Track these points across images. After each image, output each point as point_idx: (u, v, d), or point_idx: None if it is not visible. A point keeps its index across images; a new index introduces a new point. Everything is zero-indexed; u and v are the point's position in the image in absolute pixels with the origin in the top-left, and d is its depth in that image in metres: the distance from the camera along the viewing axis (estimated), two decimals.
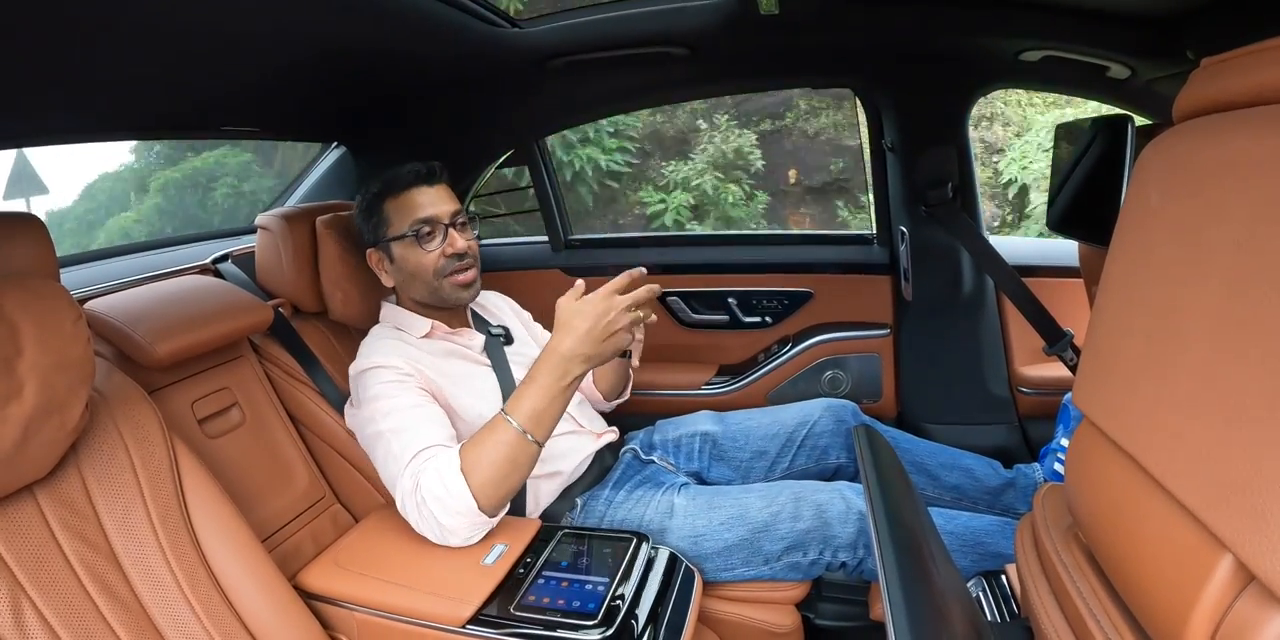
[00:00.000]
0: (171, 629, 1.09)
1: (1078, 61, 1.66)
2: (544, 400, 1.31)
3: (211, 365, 1.59)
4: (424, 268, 1.62)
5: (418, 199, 1.61)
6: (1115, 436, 0.69)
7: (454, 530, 1.30)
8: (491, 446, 1.30)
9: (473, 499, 1.27)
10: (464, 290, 1.65)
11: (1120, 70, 1.63)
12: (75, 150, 8.19)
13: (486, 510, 1.29)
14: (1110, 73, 1.66)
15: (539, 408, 1.31)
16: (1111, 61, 1.61)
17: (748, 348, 2.51)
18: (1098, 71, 1.67)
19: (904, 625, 0.60)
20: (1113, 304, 0.76)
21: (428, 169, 1.64)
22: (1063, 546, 0.82)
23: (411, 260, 1.62)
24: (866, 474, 0.88)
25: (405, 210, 1.61)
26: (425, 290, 1.65)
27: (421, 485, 1.29)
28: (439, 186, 1.65)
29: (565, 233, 2.67)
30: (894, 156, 2.12)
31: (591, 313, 1.27)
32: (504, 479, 1.29)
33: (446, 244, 1.61)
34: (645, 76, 2.19)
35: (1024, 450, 2.13)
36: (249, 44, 1.41)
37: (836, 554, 1.46)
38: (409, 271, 1.64)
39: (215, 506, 1.22)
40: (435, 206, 1.61)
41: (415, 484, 1.31)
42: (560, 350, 1.29)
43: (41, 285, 1.05)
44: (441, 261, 1.61)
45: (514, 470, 1.30)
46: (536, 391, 1.31)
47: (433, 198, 1.62)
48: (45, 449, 1.02)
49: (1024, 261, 2.08)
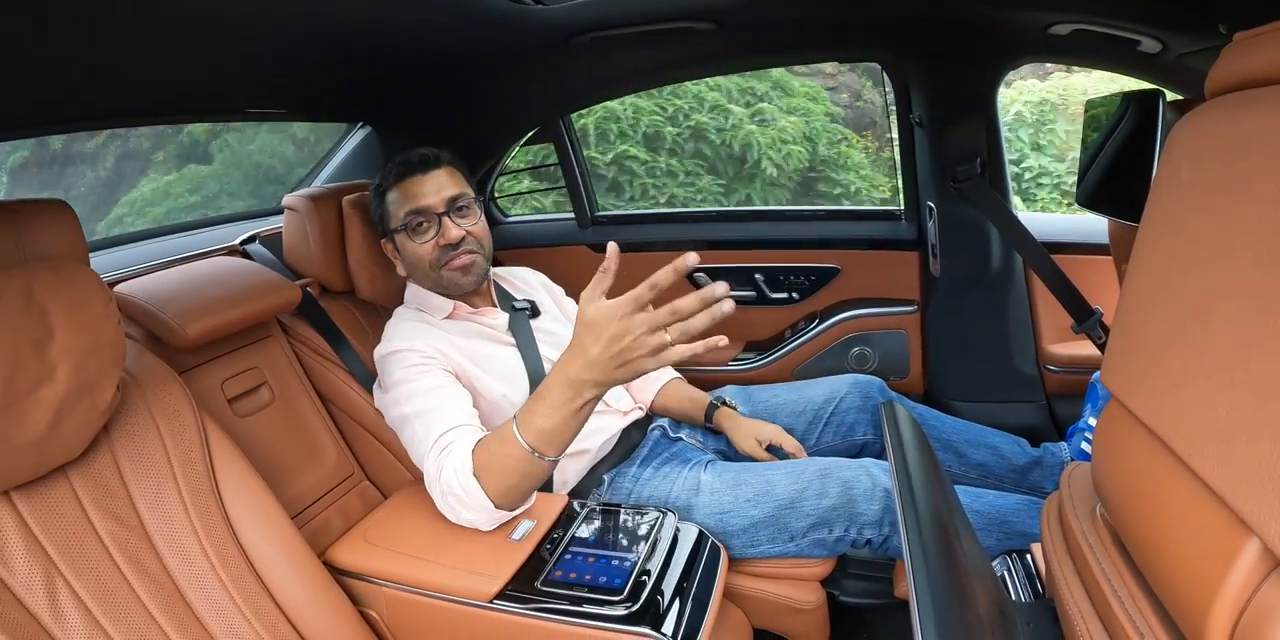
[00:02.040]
0: (203, 604, 1.12)
1: (1108, 35, 1.63)
2: (553, 421, 1.21)
3: (241, 345, 1.61)
4: (420, 259, 1.62)
5: (412, 189, 1.60)
6: (1143, 416, 0.68)
7: (475, 522, 1.31)
8: (501, 458, 1.26)
9: (488, 499, 1.27)
10: (463, 276, 1.63)
11: (1151, 44, 1.60)
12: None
13: (504, 507, 1.30)
14: (1141, 47, 1.63)
15: (548, 428, 1.21)
16: (1142, 35, 1.58)
17: (775, 324, 2.50)
18: (1128, 45, 1.64)
19: (928, 603, 0.60)
20: (1142, 281, 0.75)
21: (420, 157, 1.62)
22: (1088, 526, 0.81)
23: (409, 251, 1.63)
24: (893, 451, 0.88)
25: (401, 201, 1.61)
26: (429, 280, 1.65)
27: (443, 478, 1.30)
28: (436, 172, 1.62)
29: (591, 209, 2.66)
30: (922, 131, 2.09)
31: (605, 334, 1.10)
32: (516, 486, 1.28)
33: (440, 235, 1.60)
34: (672, 52, 2.17)
35: (1051, 429, 2.11)
36: (273, 25, 1.41)
37: (862, 531, 1.45)
38: (410, 262, 1.65)
39: (245, 484, 1.23)
40: (428, 196, 1.59)
41: (439, 474, 1.31)
42: (568, 373, 1.17)
43: (71, 269, 1.06)
44: (435, 253, 1.60)
45: (525, 479, 1.27)
46: (546, 411, 1.21)
47: (427, 187, 1.60)
48: (78, 430, 1.04)
49: (1053, 238, 2.05)
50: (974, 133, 1.96)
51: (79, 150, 5.73)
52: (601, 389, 1.17)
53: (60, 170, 5.74)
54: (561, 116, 2.50)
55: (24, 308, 0.99)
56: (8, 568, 0.99)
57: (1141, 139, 1.35)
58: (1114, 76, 3.61)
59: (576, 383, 1.16)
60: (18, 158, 5.25)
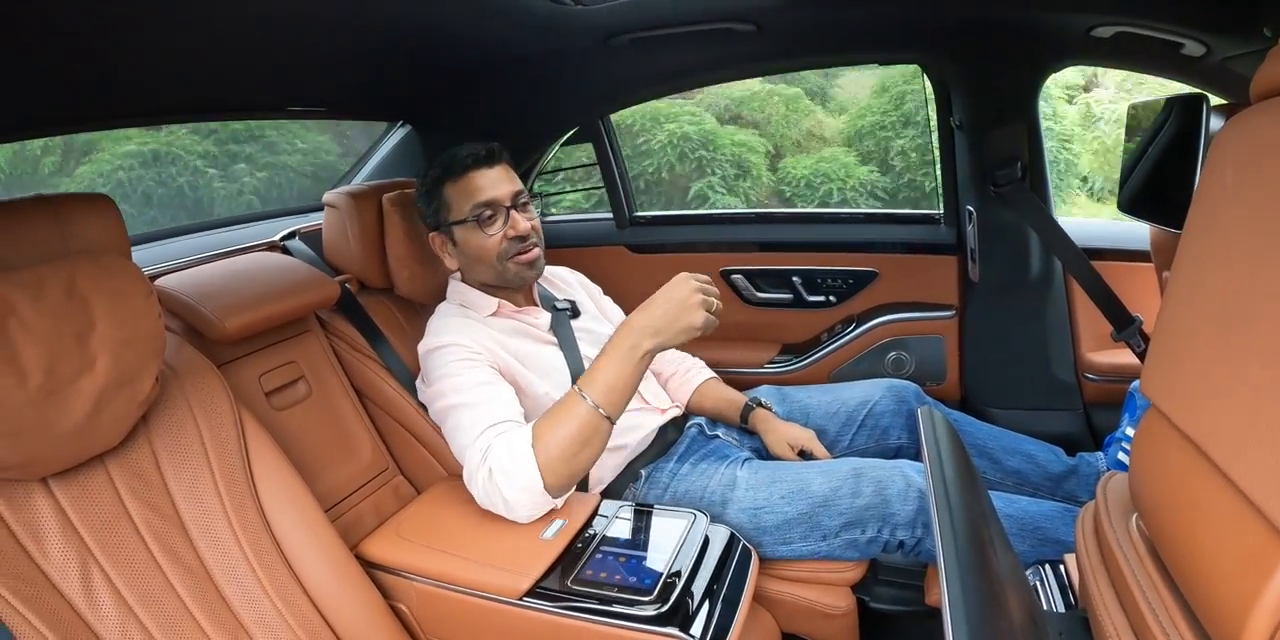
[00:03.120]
0: (235, 593, 1.14)
1: (1151, 38, 1.60)
2: (614, 374, 1.32)
3: (279, 340, 1.63)
4: (487, 251, 1.62)
5: (477, 182, 1.61)
6: (1183, 426, 0.67)
7: (516, 505, 1.31)
8: (563, 421, 1.31)
9: (539, 475, 1.28)
10: (528, 270, 1.65)
11: (1195, 47, 1.57)
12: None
13: (551, 488, 1.30)
14: (1185, 50, 1.60)
15: (610, 381, 1.31)
16: (1186, 38, 1.55)
17: (811, 327, 2.49)
18: (1172, 49, 1.61)
19: (960, 611, 0.59)
20: (1184, 289, 0.73)
21: (486, 151, 1.62)
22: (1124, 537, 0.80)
23: (474, 244, 1.63)
24: (929, 455, 0.87)
25: (465, 194, 1.61)
26: (490, 273, 1.65)
27: (489, 459, 1.31)
28: (499, 167, 1.64)
29: (630, 210, 2.66)
30: (962, 135, 2.07)
31: (670, 288, 1.31)
32: (573, 456, 1.30)
33: (508, 227, 1.61)
34: (711, 53, 2.16)
35: (1088, 438, 2.08)
36: (315, 24, 1.43)
37: (895, 532, 1.44)
38: (472, 255, 1.65)
39: (280, 476, 1.25)
40: (495, 189, 1.61)
41: (483, 457, 1.32)
42: (632, 323, 1.32)
43: (114, 262, 1.08)
44: (504, 244, 1.61)
45: (584, 447, 1.31)
46: (607, 365, 1.32)
47: (492, 180, 1.61)
48: (116, 420, 1.06)
49: (1094, 244, 2.02)
50: (1015, 136, 1.94)
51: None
52: (657, 339, 1.30)
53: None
54: (601, 117, 2.50)
55: (66, 299, 1.00)
56: (44, 553, 1.01)
57: (1185, 144, 1.32)
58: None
59: (636, 330, 1.30)
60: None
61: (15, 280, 0.98)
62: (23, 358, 0.96)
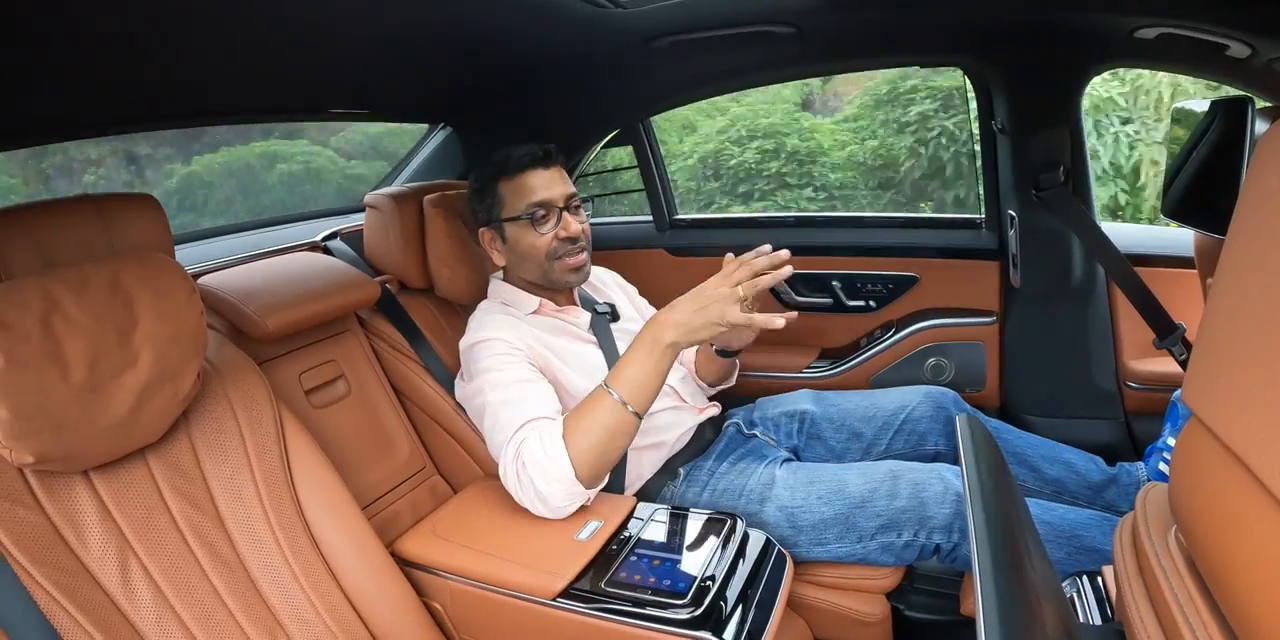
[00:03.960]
0: (271, 588, 1.15)
1: (1195, 39, 1.57)
2: (636, 368, 1.34)
3: (319, 338, 1.65)
4: (537, 250, 1.63)
5: (533, 181, 1.62)
6: (1224, 438, 0.65)
7: (550, 498, 1.31)
8: (592, 416, 1.33)
9: (571, 466, 1.29)
10: (573, 274, 1.66)
11: (1240, 49, 1.53)
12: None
13: (584, 480, 1.31)
14: (1229, 52, 1.56)
15: (635, 377, 1.34)
16: (1231, 39, 1.52)
17: (850, 332, 2.47)
18: (1216, 50, 1.58)
19: (995, 622, 0.59)
20: (1227, 296, 0.72)
21: (544, 151, 1.64)
22: (1162, 550, 0.78)
23: (524, 242, 1.64)
24: (966, 462, 0.86)
25: (520, 192, 1.62)
26: (536, 271, 1.66)
27: (523, 453, 1.32)
28: (554, 169, 1.65)
29: (670, 212, 2.66)
30: (1004, 138, 2.04)
31: (697, 289, 1.32)
32: (603, 450, 1.32)
33: (560, 227, 1.62)
34: (751, 55, 2.15)
35: (1129, 448, 2.04)
36: (357, 26, 1.44)
37: (931, 536, 1.43)
38: (521, 253, 1.66)
39: (318, 474, 1.27)
40: (550, 189, 1.62)
41: (517, 452, 1.33)
42: (656, 317, 1.34)
43: (157, 261, 1.10)
44: (554, 244, 1.62)
45: (613, 441, 1.32)
46: (631, 359, 1.35)
47: (547, 180, 1.63)
48: (158, 415, 1.09)
49: (1137, 250, 1.98)
50: (1057, 140, 1.91)
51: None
52: (679, 332, 1.31)
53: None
54: (641, 119, 2.51)
55: (110, 296, 1.03)
56: (83, 544, 1.03)
57: (1229, 148, 1.29)
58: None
59: (660, 322, 1.33)
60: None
61: (61, 278, 1.00)
62: (67, 353, 0.98)
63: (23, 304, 0.96)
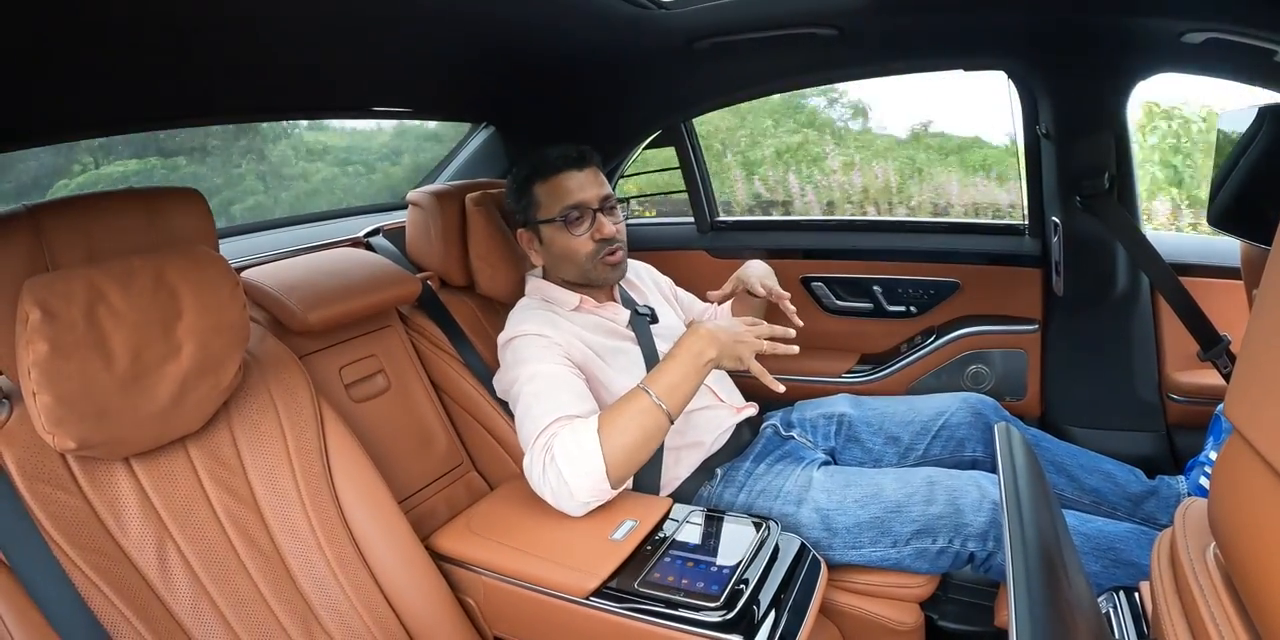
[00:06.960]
0: (306, 578, 1.17)
1: (1243, 44, 1.53)
2: (679, 374, 1.37)
3: (360, 333, 1.66)
4: (573, 251, 1.64)
5: (567, 183, 1.62)
6: (1266, 452, 0.64)
7: (575, 491, 1.30)
8: (628, 415, 1.33)
9: (603, 461, 1.29)
10: (613, 271, 1.66)
11: None
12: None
13: (612, 477, 1.30)
14: (1278, 57, 1.53)
15: (674, 381, 1.36)
16: (1279, 45, 1.48)
17: (891, 337, 2.44)
18: (1264, 56, 1.54)
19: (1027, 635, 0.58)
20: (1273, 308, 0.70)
21: (578, 153, 1.65)
22: (1200, 567, 0.76)
23: (560, 243, 1.65)
24: (1003, 471, 0.84)
25: (555, 194, 1.63)
26: (575, 272, 1.67)
27: (554, 445, 1.32)
28: (588, 170, 1.65)
29: (711, 214, 2.65)
30: (1048, 144, 2.01)
31: (736, 323, 1.43)
32: (636, 449, 1.32)
33: (595, 229, 1.62)
34: (793, 58, 2.14)
35: (1169, 461, 2.00)
36: (401, 25, 1.45)
37: (966, 543, 1.41)
38: (557, 254, 1.67)
39: (356, 467, 1.28)
40: (584, 191, 1.62)
41: (547, 444, 1.33)
42: (699, 332, 1.39)
43: (201, 254, 1.12)
44: (591, 246, 1.63)
45: (645, 441, 1.33)
46: (673, 366, 1.38)
47: (582, 182, 1.63)
48: (199, 405, 1.10)
49: (1182, 259, 1.94)
50: (1102, 146, 1.87)
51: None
52: (718, 350, 1.38)
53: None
54: (683, 120, 2.50)
55: (154, 289, 1.04)
56: (122, 529, 1.05)
57: (1278, 156, 1.26)
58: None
59: (706, 337, 1.39)
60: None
61: (106, 270, 1.02)
62: (111, 343, 1.00)
63: (69, 294, 0.97)
